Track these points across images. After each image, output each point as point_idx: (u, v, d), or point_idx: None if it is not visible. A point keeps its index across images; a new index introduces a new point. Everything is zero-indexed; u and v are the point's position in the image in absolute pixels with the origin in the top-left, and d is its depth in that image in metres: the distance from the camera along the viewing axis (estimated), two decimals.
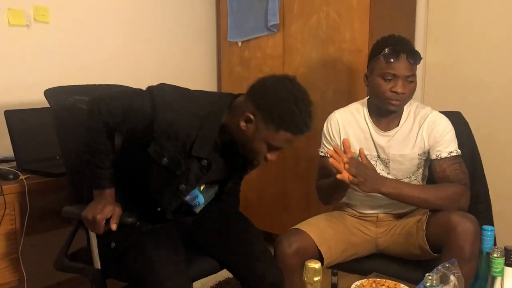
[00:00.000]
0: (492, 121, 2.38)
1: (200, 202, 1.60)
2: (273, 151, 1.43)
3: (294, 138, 1.40)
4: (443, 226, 1.50)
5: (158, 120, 1.38)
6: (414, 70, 1.62)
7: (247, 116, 1.38)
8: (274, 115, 1.35)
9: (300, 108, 1.36)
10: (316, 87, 2.50)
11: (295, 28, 2.53)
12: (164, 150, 1.39)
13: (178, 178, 1.45)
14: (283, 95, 1.36)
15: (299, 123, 1.37)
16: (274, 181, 2.76)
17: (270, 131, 1.37)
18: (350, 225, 1.75)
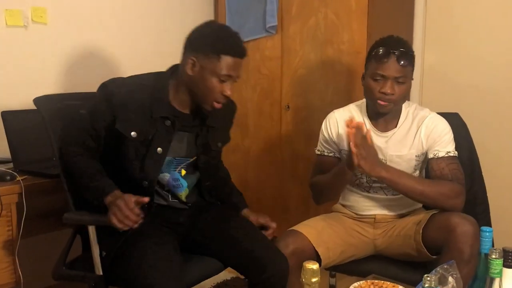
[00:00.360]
0: (490, 122, 2.38)
1: (183, 184, 1.62)
2: (225, 83, 1.51)
3: (235, 61, 1.51)
4: (442, 228, 1.50)
5: (114, 99, 1.49)
6: (405, 72, 1.61)
7: (190, 60, 1.50)
8: (209, 46, 1.48)
9: (227, 33, 1.53)
10: (315, 88, 2.50)
11: (293, 30, 2.53)
12: (129, 123, 1.50)
13: (151, 144, 1.52)
14: (211, 28, 1.55)
15: (233, 45, 1.51)
16: (272, 182, 2.76)
17: (213, 62, 1.48)
18: (348, 226, 1.75)
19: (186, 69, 1.51)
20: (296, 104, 2.59)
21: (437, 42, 2.52)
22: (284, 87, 2.62)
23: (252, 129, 2.80)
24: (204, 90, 1.51)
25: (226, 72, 1.49)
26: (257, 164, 2.81)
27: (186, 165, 1.62)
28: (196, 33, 1.54)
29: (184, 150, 1.61)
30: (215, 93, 1.51)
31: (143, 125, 1.51)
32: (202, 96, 1.53)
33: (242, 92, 2.80)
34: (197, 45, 1.51)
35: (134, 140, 1.51)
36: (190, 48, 1.53)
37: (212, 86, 1.50)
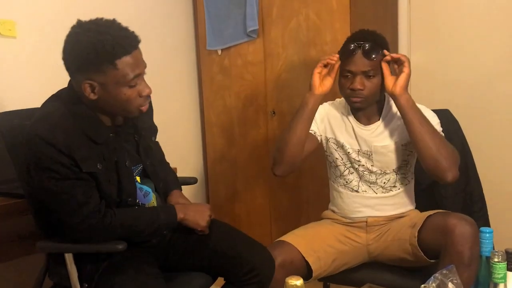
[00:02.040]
0: (481, 118, 2.32)
1: (148, 190, 1.52)
2: (137, 84, 1.31)
3: (134, 56, 1.28)
4: (439, 230, 1.41)
5: (59, 146, 1.27)
6: (374, 65, 1.56)
7: (85, 86, 1.28)
8: (98, 60, 1.24)
9: (104, 32, 1.26)
10: (299, 92, 2.41)
11: (275, 33, 2.45)
12: (89, 159, 1.32)
13: (119, 164, 1.40)
14: (81, 39, 1.26)
15: (121, 40, 1.26)
16: (261, 192, 2.66)
17: (113, 73, 1.26)
18: (339, 233, 1.66)
19: (87, 95, 1.29)
20: (282, 109, 2.50)
21: (423, 39, 2.45)
22: (268, 93, 2.54)
23: (238, 137, 2.71)
24: (120, 105, 1.32)
25: (133, 74, 1.28)
26: (245, 173, 2.72)
27: (138, 172, 1.51)
28: (71, 52, 1.28)
29: (134, 158, 1.49)
30: (134, 101, 1.32)
31: (99, 153, 1.35)
32: (121, 110, 1.35)
33: (226, 100, 2.71)
34: (82, 66, 1.27)
35: (103, 171, 1.36)
36: (74, 71, 1.30)
37: (126, 97, 1.30)
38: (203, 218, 1.47)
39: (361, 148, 1.66)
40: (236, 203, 2.79)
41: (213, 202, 2.88)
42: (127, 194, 1.43)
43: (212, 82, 2.77)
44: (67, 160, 1.28)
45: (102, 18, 1.32)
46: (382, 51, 1.58)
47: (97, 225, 1.32)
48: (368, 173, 1.64)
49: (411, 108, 1.52)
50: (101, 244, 1.36)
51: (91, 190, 1.34)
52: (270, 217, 2.65)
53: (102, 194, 1.38)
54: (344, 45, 1.60)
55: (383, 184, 1.64)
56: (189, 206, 1.51)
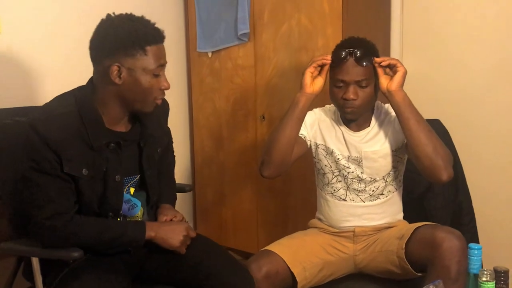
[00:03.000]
0: (472, 128, 2.30)
1: (137, 204, 1.49)
2: (159, 75, 1.37)
3: (159, 48, 1.36)
4: (426, 243, 1.39)
5: (49, 141, 1.28)
6: (367, 74, 1.53)
7: (114, 69, 1.31)
8: (130, 44, 1.30)
9: (137, 20, 1.35)
10: (290, 97, 2.34)
11: (266, 37, 2.42)
12: (75, 162, 1.31)
13: (107, 176, 1.37)
14: (117, 24, 1.33)
15: (151, 30, 1.34)
16: (249, 197, 2.63)
17: (141, 59, 1.32)
18: (326, 243, 1.63)
19: (112, 78, 1.31)
20: (272, 114, 2.47)
21: (415, 46, 2.44)
22: (258, 97, 2.50)
23: (227, 141, 2.67)
24: (141, 93, 1.35)
25: (158, 63, 1.34)
26: (233, 177, 2.68)
27: (133, 183, 1.48)
28: (105, 36, 1.33)
29: (131, 168, 1.46)
30: (154, 92, 1.36)
31: (89, 158, 1.33)
32: (140, 100, 1.37)
33: (215, 103, 2.68)
34: (112, 49, 1.31)
35: (87, 178, 1.33)
36: (103, 56, 1.33)
37: (149, 85, 1.34)
38: (176, 239, 1.41)
39: (351, 154, 1.63)
40: (223, 208, 2.75)
41: (200, 206, 2.84)
42: (109, 208, 1.39)
43: (201, 85, 2.73)
44: (52, 156, 1.28)
45: (132, 13, 1.39)
46: (374, 58, 1.55)
47: (60, 228, 1.30)
48: (357, 181, 1.62)
49: (408, 105, 1.49)
50: (58, 250, 1.33)
51: (67, 192, 1.32)
52: (257, 222, 2.62)
53: (81, 201, 1.34)
54: (334, 52, 1.56)
55: (372, 192, 1.62)
56: (163, 225, 1.45)
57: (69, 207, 1.32)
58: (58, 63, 2.26)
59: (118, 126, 1.41)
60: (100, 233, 1.34)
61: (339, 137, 1.65)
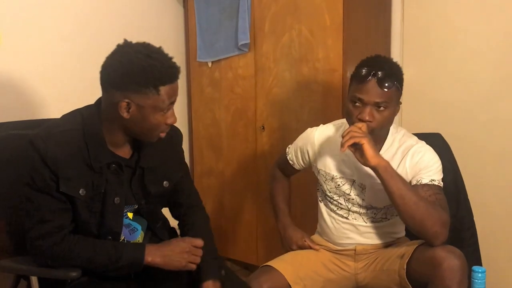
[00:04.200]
0: (473, 143, 2.29)
1: (137, 227, 1.46)
2: (167, 112, 1.34)
3: (174, 86, 1.32)
4: (427, 262, 1.37)
5: (47, 158, 1.26)
6: (387, 97, 1.45)
7: (123, 104, 1.28)
8: (142, 82, 1.26)
9: (154, 57, 1.28)
10: (290, 108, 2.38)
11: (266, 48, 2.41)
12: (73, 181, 1.29)
13: (106, 197, 1.34)
14: (132, 59, 1.27)
15: (167, 71, 1.29)
16: (248, 207, 2.62)
17: (153, 97, 1.28)
18: (327, 260, 1.62)
19: (121, 112, 1.28)
20: (271, 124, 2.46)
21: (416, 57, 2.43)
22: (258, 107, 2.50)
23: (227, 151, 2.66)
24: (147, 129, 1.33)
25: (169, 102, 1.31)
26: (233, 187, 2.67)
27: (132, 209, 1.46)
28: (118, 69, 1.28)
29: (128, 195, 1.42)
30: (160, 127, 1.34)
31: (88, 179, 1.31)
32: (145, 134, 1.35)
33: (215, 113, 2.67)
34: (124, 84, 1.27)
35: (84, 199, 1.31)
36: (114, 88, 1.29)
37: (156, 122, 1.32)
38: (179, 259, 1.36)
39: (356, 180, 1.59)
40: (223, 218, 2.74)
41: None
42: (108, 230, 1.37)
43: (201, 94, 2.73)
44: (49, 174, 1.26)
45: (149, 44, 1.33)
46: (401, 82, 1.50)
47: (47, 248, 1.28)
48: (357, 206, 1.60)
49: (391, 177, 1.41)
50: (55, 270, 1.31)
51: (60, 212, 1.30)
52: (256, 233, 2.61)
53: (78, 221, 1.33)
54: (356, 68, 1.50)
55: (373, 215, 1.60)
56: (163, 248, 1.37)
57: (62, 227, 1.30)
58: (56, 77, 2.25)
59: (120, 151, 1.39)
60: (93, 255, 1.31)
61: (346, 161, 1.59)
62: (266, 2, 2.37)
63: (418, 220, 1.40)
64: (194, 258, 1.38)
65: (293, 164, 1.76)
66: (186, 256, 1.37)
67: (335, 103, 2.22)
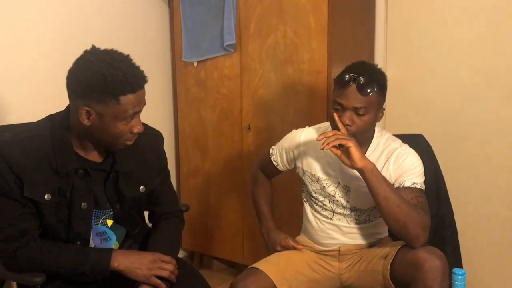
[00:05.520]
0: (454, 143, 2.34)
1: (111, 237, 1.45)
2: (132, 121, 1.31)
3: (137, 95, 1.28)
4: (409, 263, 1.41)
5: (11, 164, 1.27)
6: (367, 102, 1.47)
7: (83, 112, 1.27)
8: (102, 91, 1.24)
9: (116, 66, 1.25)
10: (275, 109, 2.40)
11: (252, 48, 2.43)
12: (38, 186, 1.29)
13: (73, 202, 1.34)
14: (93, 68, 1.24)
15: (130, 80, 1.26)
16: (234, 207, 2.63)
17: (113, 107, 1.26)
18: (312, 261, 1.65)
19: (81, 119, 1.28)
20: (257, 125, 2.48)
21: (399, 59, 2.47)
22: (244, 107, 2.51)
23: (212, 151, 2.68)
24: (110, 136, 1.31)
25: (132, 111, 1.28)
26: (219, 187, 2.69)
27: (109, 216, 1.44)
28: (79, 77, 1.27)
29: (102, 201, 1.41)
30: (124, 135, 1.32)
31: (54, 184, 1.31)
32: (109, 142, 1.34)
33: (201, 113, 2.68)
34: (85, 92, 1.25)
35: (50, 204, 1.31)
36: (76, 95, 1.28)
37: (119, 131, 1.30)
38: (143, 269, 1.33)
39: (341, 182, 1.61)
40: (209, 218, 2.75)
41: (185, 215, 2.83)
42: (76, 235, 1.37)
43: (187, 94, 2.73)
44: (13, 179, 1.27)
45: (117, 51, 1.31)
46: (384, 88, 1.52)
47: (10, 252, 1.29)
48: (342, 207, 1.63)
49: (377, 179, 1.44)
50: (19, 274, 1.32)
51: (25, 215, 1.30)
52: (242, 232, 2.63)
53: (45, 226, 1.33)
54: (340, 74, 1.52)
55: (357, 217, 1.63)
56: (131, 256, 1.35)
57: (25, 231, 1.30)
58: (39, 77, 2.23)
59: (90, 155, 1.38)
60: (58, 259, 1.31)
61: (331, 163, 1.62)
62: (251, 3, 2.38)
63: (401, 222, 1.44)
64: (160, 272, 1.36)
65: (277, 165, 1.78)
66: (152, 268, 1.35)
67: (320, 105, 2.24)
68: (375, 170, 1.46)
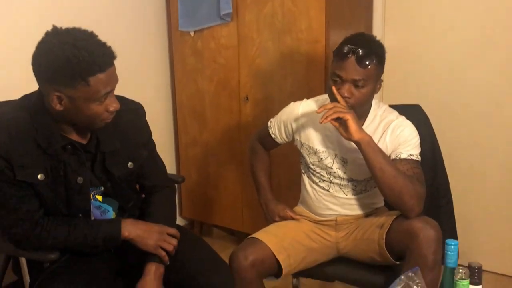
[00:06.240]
0: (451, 114, 2.35)
1: (108, 209, 1.47)
2: (106, 100, 1.28)
3: (107, 74, 1.24)
4: (405, 233, 1.44)
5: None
6: (366, 75, 1.48)
7: (54, 97, 1.24)
8: (70, 75, 1.19)
9: (80, 46, 1.20)
10: (273, 79, 2.39)
11: (249, 17, 2.39)
12: (29, 168, 1.27)
13: (68, 178, 1.34)
14: (56, 51, 1.19)
15: (97, 58, 1.21)
16: (233, 176, 2.66)
17: (83, 89, 1.22)
18: (310, 230, 1.69)
19: (53, 105, 1.24)
20: (255, 95, 2.48)
21: (397, 24, 2.45)
22: (242, 78, 2.50)
23: (210, 122, 2.68)
24: (86, 118, 1.28)
25: (104, 91, 1.25)
26: (217, 157, 2.71)
27: (99, 192, 1.45)
28: (43, 62, 1.22)
29: (94, 180, 1.41)
30: (100, 115, 1.29)
31: (45, 163, 1.29)
32: (86, 123, 1.31)
33: (198, 83, 2.67)
34: (52, 77, 1.21)
35: (44, 183, 1.30)
36: (43, 80, 1.24)
37: (93, 112, 1.27)
38: (151, 242, 1.37)
39: (338, 154, 1.63)
40: (208, 187, 2.79)
41: (185, 186, 2.87)
42: (77, 210, 1.39)
43: (184, 64, 2.71)
44: (3, 163, 1.25)
45: (80, 29, 1.26)
46: (382, 60, 1.52)
47: (26, 233, 1.31)
48: (339, 179, 1.66)
49: (373, 151, 1.46)
50: (33, 252, 1.34)
51: (25, 197, 1.30)
52: (241, 201, 2.67)
53: (45, 204, 1.34)
54: (338, 46, 1.52)
55: (354, 187, 1.66)
56: (140, 225, 1.39)
57: (31, 212, 1.31)
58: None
59: (74, 136, 1.36)
60: (71, 231, 1.33)
61: (329, 136, 1.63)
62: None
63: (396, 193, 1.47)
64: (166, 245, 1.39)
65: (275, 138, 1.79)
66: (158, 239, 1.38)
67: (318, 75, 2.24)
68: (372, 142, 1.47)
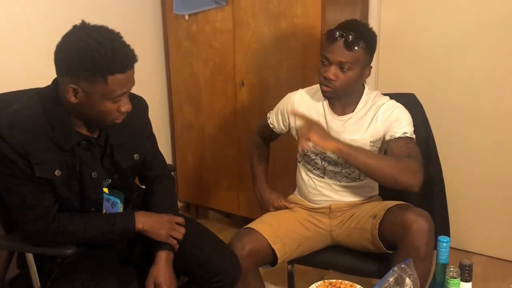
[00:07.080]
0: (445, 102, 2.37)
1: (116, 201, 1.50)
2: (120, 100, 1.30)
3: (126, 76, 1.26)
4: (398, 224, 1.47)
5: (15, 146, 1.25)
6: (352, 58, 1.52)
7: (70, 89, 1.24)
8: (89, 70, 1.21)
9: (105, 44, 1.21)
10: (269, 64, 2.39)
11: (244, 2, 2.37)
12: (46, 164, 1.29)
13: (83, 174, 1.36)
14: (81, 44, 1.21)
15: (119, 59, 1.23)
16: (230, 162, 2.68)
17: (101, 86, 1.23)
18: (303, 219, 1.72)
19: (68, 97, 1.26)
20: (251, 80, 2.47)
21: (393, 11, 2.43)
22: (237, 63, 2.49)
23: (206, 106, 2.68)
24: (97, 114, 1.30)
25: (120, 92, 1.26)
26: (213, 142, 2.72)
27: (106, 184, 1.48)
28: (66, 53, 1.23)
29: (102, 172, 1.43)
30: (112, 114, 1.31)
31: (61, 159, 1.31)
32: (97, 120, 1.33)
33: (194, 67, 2.65)
34: (72, 69, 1.23)
35: (61, 179, 1.32)
36: (63, 72, 1.25)
37: (106, 109, 1.28)
38: (163, 231, 1.42)
39: None
40: (204, 171, 2.80)
41: (181, 169, 2.89)
42: (90, 204, 1.41)
43: (179, 48, 2.69)
44: (21, 160, 1.26)
45: (107, 27, 1.27)
46: (370, 45, 1.55)
47: (44, 229, 1.32)
48: (333, 164, 1.67)
49: (350, 155, 1.47)
50: (50, 248, 1.36)
51: (43, 193, 1.31)
52: (237, 184, 2.69)
53: (60, 199, 1.35)
54: (330, 29, 1.56)
55: (348, 175, 1.68)
56: (151, 217, 1.44)
57: (48, 208, 1.32)
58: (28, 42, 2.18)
59: (84, 130, 1.37)
60: (87, 226, 1.36)
61: (321, 119, 1.66)
62: None
63: (389, 179, 1.51)
64: (176, 234, 1.44)
65: (273, 128, 1.81)
66: (169, 228, 1.44)
67: (313, 60, 2.23)
68: (344, 147, 1.48)
